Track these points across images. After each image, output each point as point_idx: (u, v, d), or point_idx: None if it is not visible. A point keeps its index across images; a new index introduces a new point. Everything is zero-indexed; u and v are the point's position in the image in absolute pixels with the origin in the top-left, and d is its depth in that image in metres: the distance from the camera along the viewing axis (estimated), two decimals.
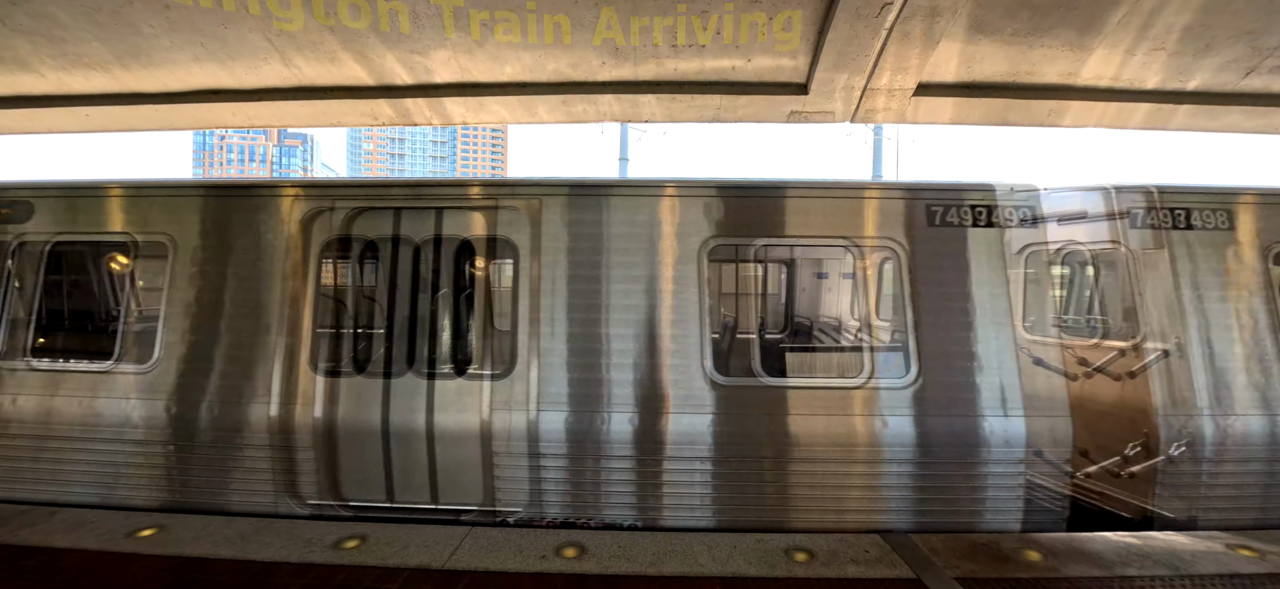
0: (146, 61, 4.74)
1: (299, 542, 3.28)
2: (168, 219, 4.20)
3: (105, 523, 3.49)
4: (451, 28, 4.29)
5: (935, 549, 3.24)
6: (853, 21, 3.96)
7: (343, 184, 4.77)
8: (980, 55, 4.55)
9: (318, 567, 3.04)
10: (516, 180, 4.29)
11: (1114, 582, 2.93)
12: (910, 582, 2.94)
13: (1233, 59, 4.51)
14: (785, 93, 4.99)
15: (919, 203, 3.98)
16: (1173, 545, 3.27)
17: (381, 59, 4.69)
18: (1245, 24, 4.11)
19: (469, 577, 2.96)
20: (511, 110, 5.39)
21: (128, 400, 3.98)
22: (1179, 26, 4.16)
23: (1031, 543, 3.31)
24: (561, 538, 3.35)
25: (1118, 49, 4.44)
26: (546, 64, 4.74)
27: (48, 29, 4.34)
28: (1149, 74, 4.74)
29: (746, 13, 4.08)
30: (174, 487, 3.94)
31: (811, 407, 3.76)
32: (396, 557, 3.12)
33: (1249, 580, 2.95)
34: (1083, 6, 3.98)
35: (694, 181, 4.07)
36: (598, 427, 3.77)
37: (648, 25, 4.22)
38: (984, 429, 3.67)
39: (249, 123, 5.57)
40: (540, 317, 3.92)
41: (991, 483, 3.67)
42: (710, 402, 3.77)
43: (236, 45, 4.50)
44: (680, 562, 3.09)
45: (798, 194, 4.05)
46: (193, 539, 3.31)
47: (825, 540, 3.33)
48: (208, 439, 3.91)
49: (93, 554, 3.15)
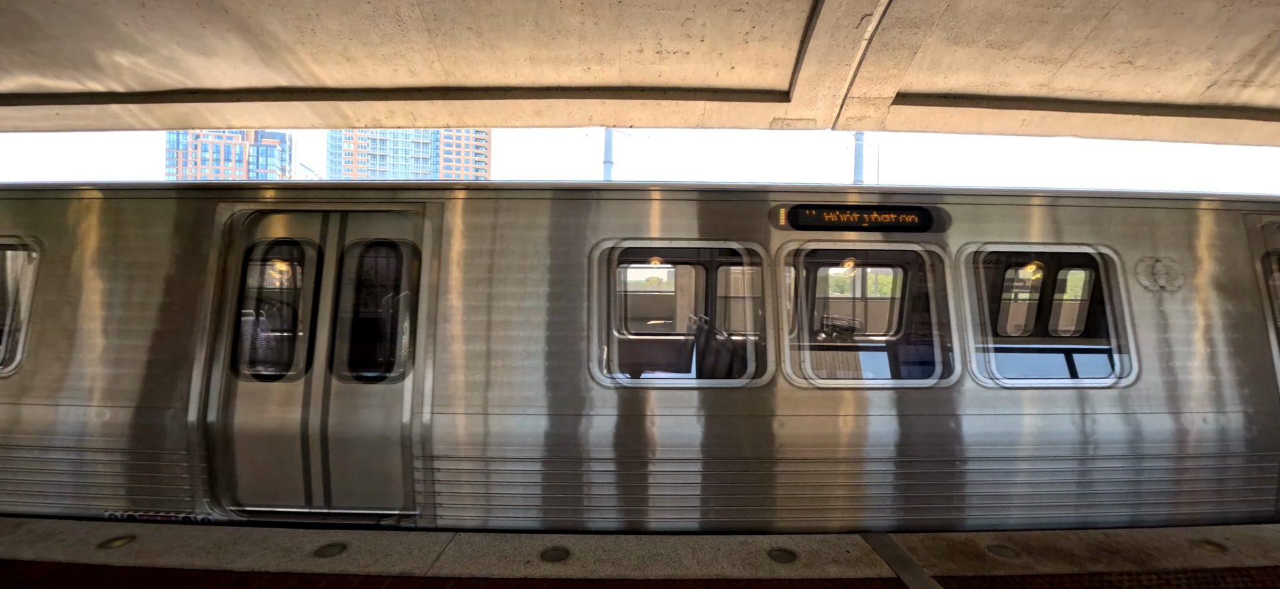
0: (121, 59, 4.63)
1: (277, 550, 3.22)
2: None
3: (74, 533, 3.39)
4: (433, 32, 4.28)
5: (914, 548, 3.30)
6: (833, 32, 4.04)
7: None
8: (957, 66, 4.67)
9: (296, 576, 2.99)
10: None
11: (1084, 578, 3.02)
12: (890, 581, 2.99)
13: (1196, 73, 4.70)
14: (768, 100, 5.07)
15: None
16: (1140, 541, 3.38)
17: (361, 62, 4.66)
18: (1207, 39, 4.28)
19: (452, 583, 2.94)
20: (493, 115, 5.38)
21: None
22: (1144, 41, 4.32)
23: (1008, 542, 3.39)
24: (546, 543, 3.34)
25: (1086, 62, 4.59)
26: (530, 69, 4.75)
27: (16, 26, 4.23)
28: (1117, 86, 4.92)
29: (729, 21, 4.13)
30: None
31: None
32: (378, 564, 3.08)
33: (1213, 574, 3.06)
34: (1052, 21, 4.12)
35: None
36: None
37: (633, 32, 4.26)
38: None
39: (226, 124, 5.48)
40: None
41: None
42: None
43: (214, 44, 4.43)
44: (665, 565, 3.11)
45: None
46: (165, 549, 3.23)
47: (807, 541, 3.37)
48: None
49: (61, 566, 3.06)
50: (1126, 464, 3.72)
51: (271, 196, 4.00)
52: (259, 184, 4.00)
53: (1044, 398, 3.76)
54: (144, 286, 3.93)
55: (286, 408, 3.83)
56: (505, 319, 3.82)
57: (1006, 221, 3.94)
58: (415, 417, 3.73)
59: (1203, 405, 3.77)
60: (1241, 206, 4.01)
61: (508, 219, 3.90)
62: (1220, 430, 3.75)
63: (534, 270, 3.86)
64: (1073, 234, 3.96)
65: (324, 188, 4.08)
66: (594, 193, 3.94)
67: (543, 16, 4.12)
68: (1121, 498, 3.74)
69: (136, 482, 3.81)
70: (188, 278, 3.91)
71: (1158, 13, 4.02)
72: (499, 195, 3.94)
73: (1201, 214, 3.97)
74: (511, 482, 3.72)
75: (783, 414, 3.72)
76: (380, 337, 4.05)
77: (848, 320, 6.05)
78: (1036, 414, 3.74)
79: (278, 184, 4.05)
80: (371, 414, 3.80)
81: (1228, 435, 3.75)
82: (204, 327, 3.86)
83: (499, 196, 3.93)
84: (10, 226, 4.05)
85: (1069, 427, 3.73)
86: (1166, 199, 4.00)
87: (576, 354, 3.77)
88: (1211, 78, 4.75)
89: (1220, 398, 3.78)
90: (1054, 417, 3.73)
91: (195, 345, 3.84)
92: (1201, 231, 3.96)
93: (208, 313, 3.86)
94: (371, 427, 3.79)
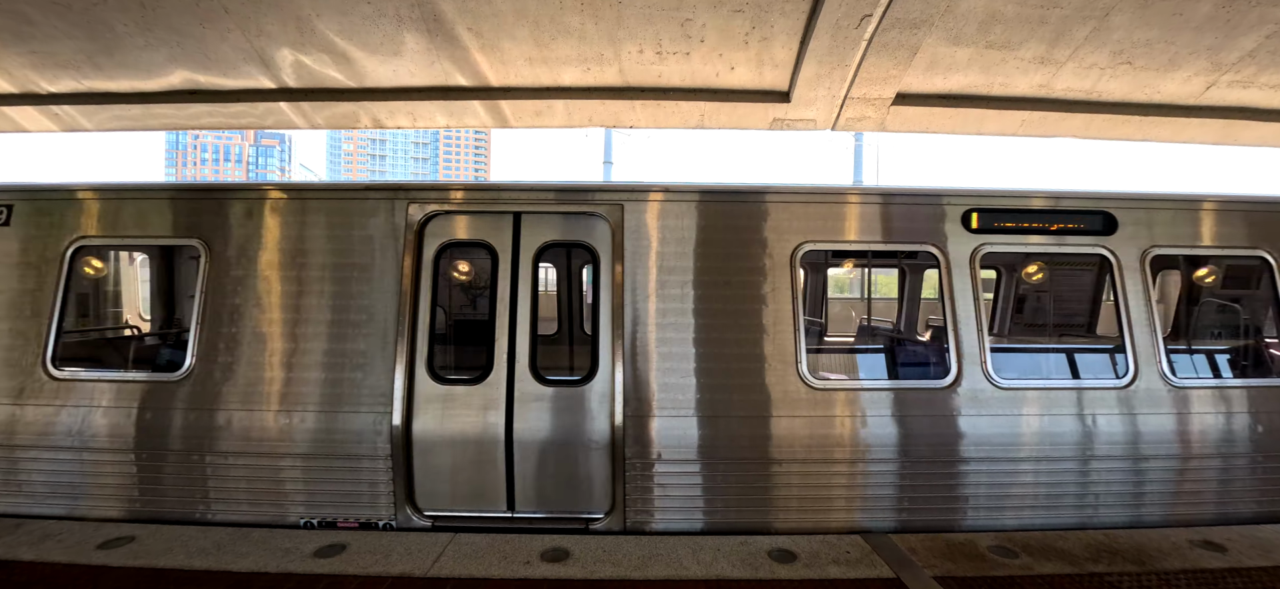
0: (119, 61, 4.64)
1: (277, 551, 3.22)
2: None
3: (73, 535, 3.39)
4: (433, 33, 4.28)
5: (914, 549, 3.30)
6: (833, 33, 4.04)
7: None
8: (956, 66, 4.68)
9: (296, 577, 2.99)
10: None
11: (1084, 578, 3.02)
12: (890, 581, 2.99)
13: (1195, 73, 4.70)
14: (768, 101, 5.07)
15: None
16: (1140, 542, 3.38)
17: (362, 63, 4.66)
18: (1206, 40, 4.29)
19: (452, 584, 2.93)
20: (492, 115, 5.38)
21: None
22: (1143, 42, 4.32)
23: (1008, 542, 3.39)
24: (546, 543, 3.34)
25: (1085, 63, 4.60)
26: (530, 70, 4.75)
27: (16, 26, 4.23)
28: (1116, 87, 4.92)
29: (729, 22, 4.13)
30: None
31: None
32: (378, 565, 3.08)
33: (1213, 575, 3.06)
34: (1052, 21, 4.12)
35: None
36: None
37: (633, 32, 4.26)
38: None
39: (226, 124, 5.48)
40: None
41: None
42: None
43: (214, 45, 4.43)
44: (665, 565, 3.10)
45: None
46: (165, 550, 3.22)
47: (807, 542, 3.37)
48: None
49: (61, 567, 3.06)
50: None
51: (461, 197, 3.97)
52: (449, 184, 3.97)
53: (1220, 397, 3.89)
54: (330, 289, 3.85)
55: (486, 412, 3.81)
56: (707, 322, 3.83)
57: (1179, 226, 4.05)
58: (621, 419, 3.74)
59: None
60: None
61: (706, 221, 3.91)
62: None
63: (735, 273, 3.88)
64: (1242, 239, 4.08)
65: (514, 189, 4.03)
66: (793, 195, 3.98)
67: (543, 17, 4.12)
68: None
69: (327, 488, 3.74)
70: (377, 280, 3.86)
71: (1157, 13, 4.03)
72: (700, 198, 3.94)
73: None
74: (719, 483, 3.73)
75: (972, 414, 3.82)
76: (577, 339, 4.04)
77: (1030, 321, 6.08)
78: (1214, 413, 3.87)
79: (468, 185, 4.01)
80: (573, 418, 3.81)
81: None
82: (403, 330, 3.81)
83: (700, 199, 3.94)
84: (176, 228, 3.97)
85: (1241, 425, 3.86)
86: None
87: (784, 355, 3.80)
88: (1210, 78, 4.76)
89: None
90: (1231, 415, 3.86)
91: (393, 348, 3.79)
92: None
93: (404, 316, 3.82)
94: (573, 430, 3.80)
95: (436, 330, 3.97)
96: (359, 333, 3.82)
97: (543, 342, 4.07)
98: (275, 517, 3.74)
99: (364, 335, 3.81)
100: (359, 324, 3.83)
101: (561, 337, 5.31)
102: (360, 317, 3.83)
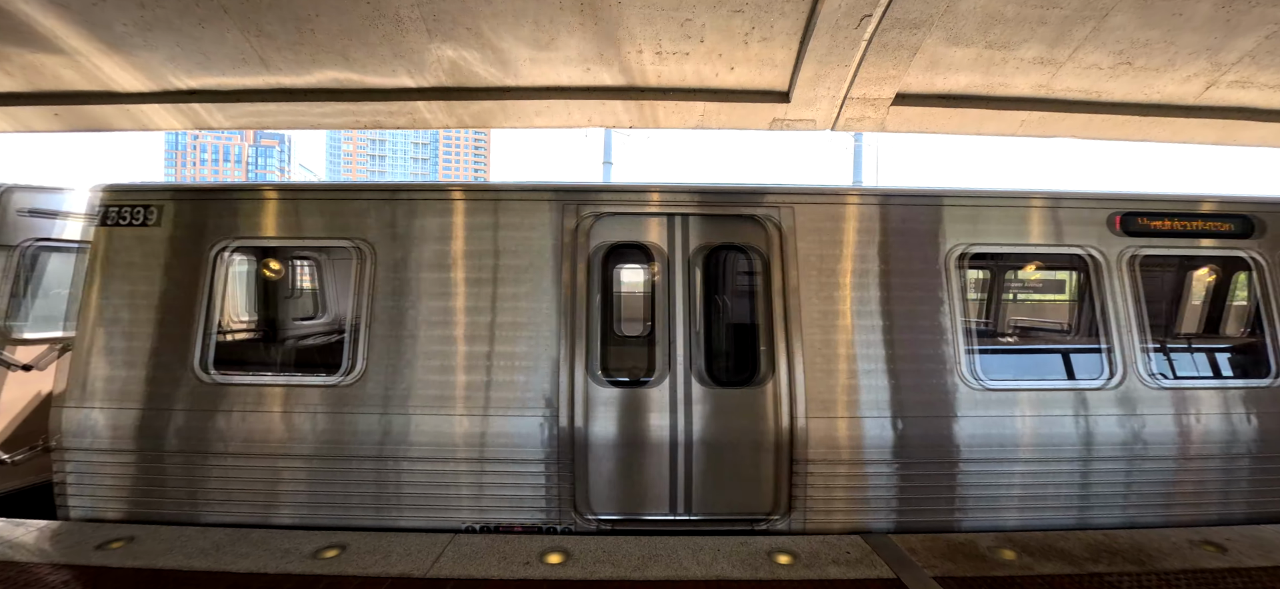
0: (119, 60, 4.63)
1: (276, 552, 3.22)
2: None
3: (72, 535, 3.39)
4: (434, 34, 4.27)
5: (914, 549, 3.30)
6: (832, 33, 4.04)
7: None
8: (956, 67, 4.67)
9: (296, 577, 2.99)
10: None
11: (1084, 578, 3.02)
12: (890, 581, 2.99)
13: (1195, 74, 4.70)
14: (767, 101, 5.06)
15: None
16: (1139, 542, 3.38)
17: (361, 63, 4.65)
18: (1206, 40, 4.29)
19: (452, 584, 2.93)
20: (492, 115, 5.37)
21: None
22: (1142, 42, 4.32)
23: (1007, 542, 3.39)
24: (545, 544, 3.34)
25: (1085, 63, 4.59)
26: (531, 70, 4.74)
27: (14, 26, 4.22)
28: (1116, 87, 4.92)
29: (729, 22, 4.13)
30: None
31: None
32: (378, 566, 3.08)
33: (1213, 575, 3.06)
34: (1052, 22, 4.12)
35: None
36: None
37: (632, 33, 4.25)
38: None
39: (229, 124, 5.47)
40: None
41: None
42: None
43: (213, 45, 4.43)
44: (665, 566, 3.10)
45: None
46: (164, 551, 3.22)
47: (807, 542, 3.37)
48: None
49: (61, 567, 3.05)
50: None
51: (622, 199, 4.01)
52: (614, 187, 4.01)
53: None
54: (498, 291, 3.87)
55: (652, 414, 3.83)
56: (870, 323, 3.88)
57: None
58: (788, 421, 3.77)
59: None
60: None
61: (866, 224, 3.97)
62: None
63: (897, 275, 3.94)
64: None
65: (674, 191, 4.06)
66: (947, 199, 4.05)
67: (543, 17, 4.12)
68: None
69: (494, 493, 3.75)
70: (544, 282, 3.88)
71: (1157, 14, 4.03)
72: (861, 200, 4.01)
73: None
74: (883, 483, 3.77)
75: (1126, 413, 3.88)
76: (740, 341, 4.09)
77: (1177, 323, 6.14)
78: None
79: (628, 186, 4.04)
80: (739, 419, 3.83)
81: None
82: (570, 332, 3.83)
83: (861, 201, 4.00)
84: (340, 229, 3.98)
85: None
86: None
87: (943, 357, 3.86)
88: (1210, 79, 4.75)
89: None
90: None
91: (560, 350, 3.81)
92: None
93: (572, 318, 3.84)
94: (740, 432, 3.82)
95: (604, 332, 4.00)
96: (526, 335, 3.83)
97: (719, 342, 4.13)
98: (443, 522, 3.73)
99: (530, 338, 3.83)
100: (525, 326, 3.85)
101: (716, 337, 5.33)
102: (527, 319, 3.85)
